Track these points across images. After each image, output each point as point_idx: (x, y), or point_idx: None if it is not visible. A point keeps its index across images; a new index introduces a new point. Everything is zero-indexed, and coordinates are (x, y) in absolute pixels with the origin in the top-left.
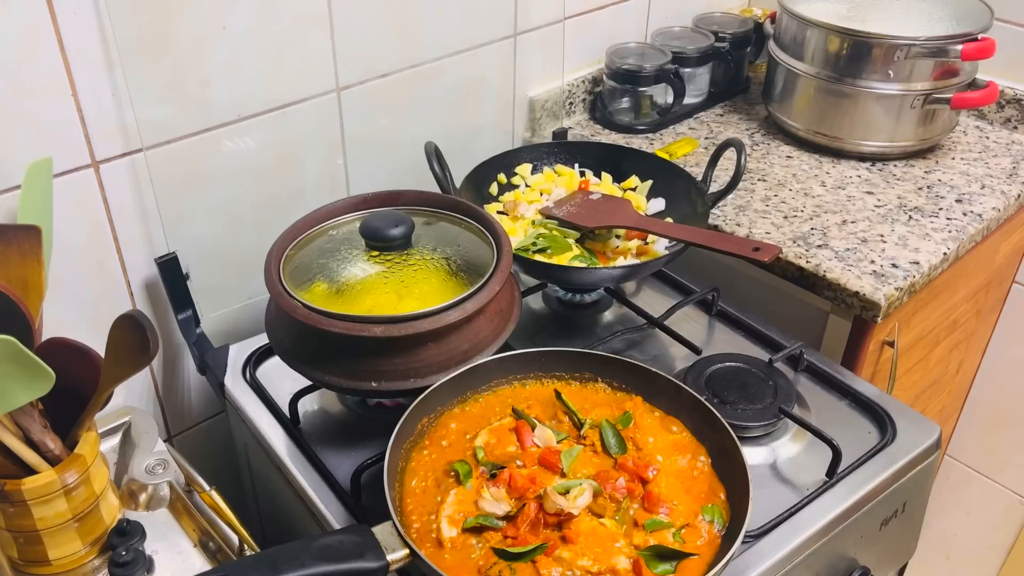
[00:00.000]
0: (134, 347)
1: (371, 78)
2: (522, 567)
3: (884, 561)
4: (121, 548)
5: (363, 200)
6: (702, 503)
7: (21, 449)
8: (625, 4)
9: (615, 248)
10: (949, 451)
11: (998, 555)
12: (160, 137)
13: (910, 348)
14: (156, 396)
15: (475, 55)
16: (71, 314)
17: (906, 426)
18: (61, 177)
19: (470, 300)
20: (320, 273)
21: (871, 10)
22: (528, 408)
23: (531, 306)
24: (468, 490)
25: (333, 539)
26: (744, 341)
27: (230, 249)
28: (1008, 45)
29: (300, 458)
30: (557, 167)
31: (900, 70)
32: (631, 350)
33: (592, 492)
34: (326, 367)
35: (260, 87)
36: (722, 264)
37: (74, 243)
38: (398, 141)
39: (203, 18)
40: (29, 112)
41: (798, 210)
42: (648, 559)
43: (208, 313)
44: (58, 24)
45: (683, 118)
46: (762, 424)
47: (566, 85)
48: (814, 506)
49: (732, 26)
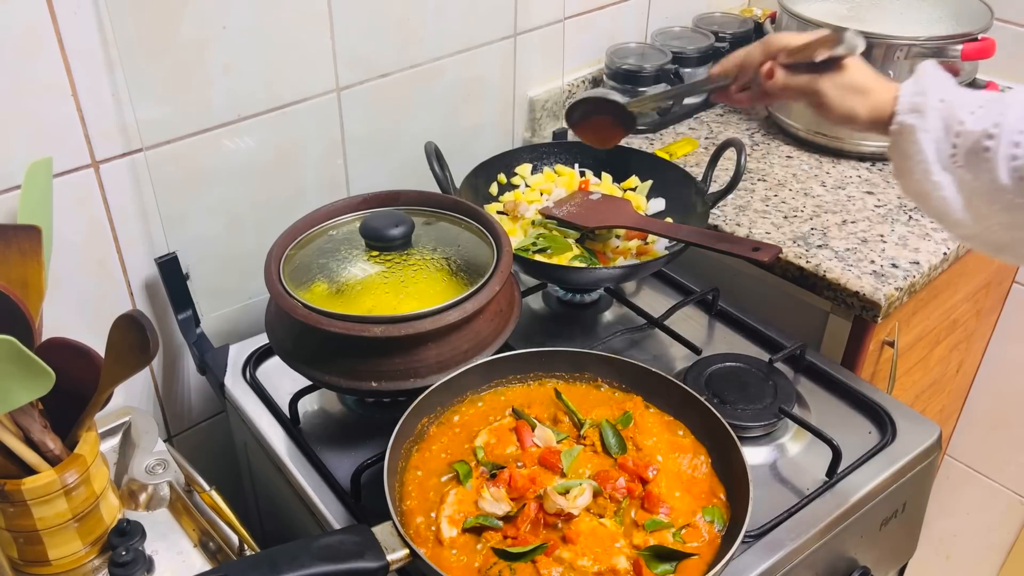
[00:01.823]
0: (134, 347)
1: (371, 78)
2: (522, 567)
3: (884, 561)
4: (121, 548)
5: (363, 200)
6: (702, 503)
7: (21, 449)
8: (625, 4)
9: (615, 248)
10: (949, 451)
11: (998, 555)
12: (160, 137)
13: (910, 348)
14: (156, 396)
15: (475, 55)
16: (71, 314)
17: (906, 426)
18: (61, 177)
19: (470, 300)
20: (320, 273)
21: (871, 10)
22: (528, 408)
23: (531, 306)
24: (468, 490)
25: (333, 539)
26: (744, 341)
27: (230, 249)
28: (1008, 45)
29: (300, 458)
30: (557, 167)
31: (900, 70)
32: (631, 350)
33: (592, 492)
34: (326, 367)
35: (260, 87)
36: (722, 264)
37: (74, 243)
38: (398, 141)
39: (203, 18)
40: (29, 112)
41: (798, 210)
42: (648, 559)
43: (208, 313)
44: (58, 24)
45: (683, 118)
46: (762, 424)
47: (566, 85)
48: (814, 506)
49: (732, 26)
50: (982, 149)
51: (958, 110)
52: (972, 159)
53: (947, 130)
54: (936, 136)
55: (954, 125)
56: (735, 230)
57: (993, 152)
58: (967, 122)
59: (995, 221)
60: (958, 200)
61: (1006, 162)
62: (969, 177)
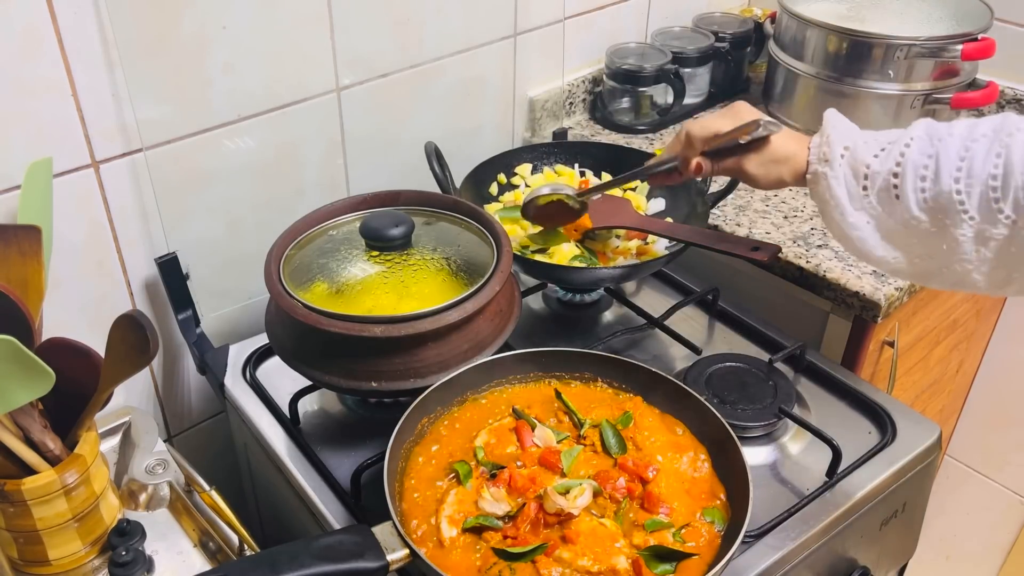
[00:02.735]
0: (134, 347)
1: (371, 78)
2: (522, 567)
3: (884, 561)
4: (121, 548)
5: (363, 200)
6: (702, 503)
7: (21, 449)
8: (625, 4)
9: (615, 248)
10: (949, 451)
11: (998, 555)
12: (160, 137)
13: (910, 348)
14: (156, 396)
15: (475, 55)
16: (71, 314)
17: (906, 426)
18: (61, 177)
19: (470, 300)
20: (320, 273)
21: (871, 10)
22: (528, 408)
23: (531, 306)
24: (468, 490)
25: (333, 539)
26: (744, 341)
27: (230, 249)
28: (1008, 45)
29: (300, 458)
30: (557, 167)
31: (900, 70)
32: (631, 350)
33: (592, 492)
34: (326, 367)
35: (260, 87)
36: (722, 264)
37: (74, 243)
38: (398, 141)
39: (203, 18)
40: (29, 112)
41: (798, 210)
42: (648, 559)
43: (208, 313)
44: (58, 24)
45: (683, 118)
46: (762, 424)
47: (566, 85)
48: (814, 506)
49: (732, 26)
50: (891, 187)
51: (863, 154)
52: (884, 196)
53: (856, 174)
54: (846, 181)
55: (861, 169)
56: (735, 230)
57: (901, 188)
58: (872, 164)
59: (914, 252)
60: (875, 236)
61: (915, 194)
62: (883, 214)
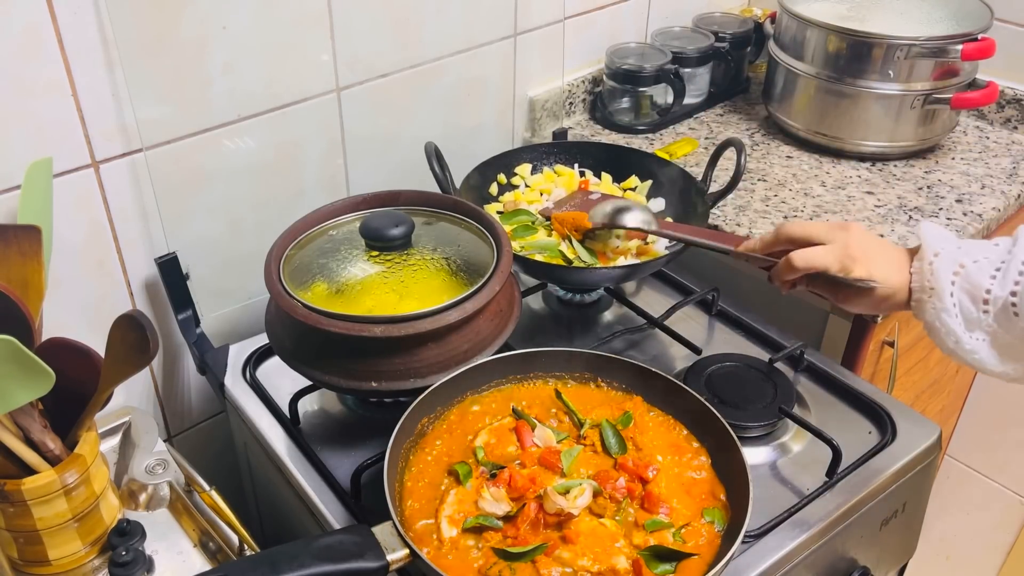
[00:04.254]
0: (134, 347)
1: (371, 78)
2: (522, 567)
3: (884, 561)
4: (121, 548)
5: (363, 200)
6: (702, 503)
7: (21, 449)
8: (625, 4)
9: (615, 248)
10: (949, 451)
11: (998, 555)
12: (160, 137)
13: (910, 348)
14: (156, 396)
15: (475, 55)
16: (71, 314)
17: (906, 426)
18: (61, 177)
19: (470, 300)
20: (320, 273)
21: (871, 10)
22: (528, 408)
23: (531, 306)
24: (468, 490)
25: (333, 539)
26: (744, 341)
27: (230, 249)
28: (1008, 45)
29: (300, 458)
30: (557, 167)
31: (900, 70)
32: (631, 350)
33: (592, 492)
34: (326, 367)
35: (260, 87)
36: (722, 264)
37: (74, 243)
38: (398, 141)
39: (203, 18)
40: (29, 112)
41: (798, 210)
42: (648, 559)
43: (208, 313)
44: (58, 24)
45: (683, 118)
46: (762, 424)
47: (566, 85)
48: (814, 506)
49: (732, 26)
50: (1010, 305)
51: (978, 278)
52: (1001, 316)
53: (974, 299)
54: (962, 307)
55: (980, 294)
56: (735, 230)
57: (1020, 306)
58: (993, 289)
59: None
60: (993, 356)
61: None
62: (1000, 331)
